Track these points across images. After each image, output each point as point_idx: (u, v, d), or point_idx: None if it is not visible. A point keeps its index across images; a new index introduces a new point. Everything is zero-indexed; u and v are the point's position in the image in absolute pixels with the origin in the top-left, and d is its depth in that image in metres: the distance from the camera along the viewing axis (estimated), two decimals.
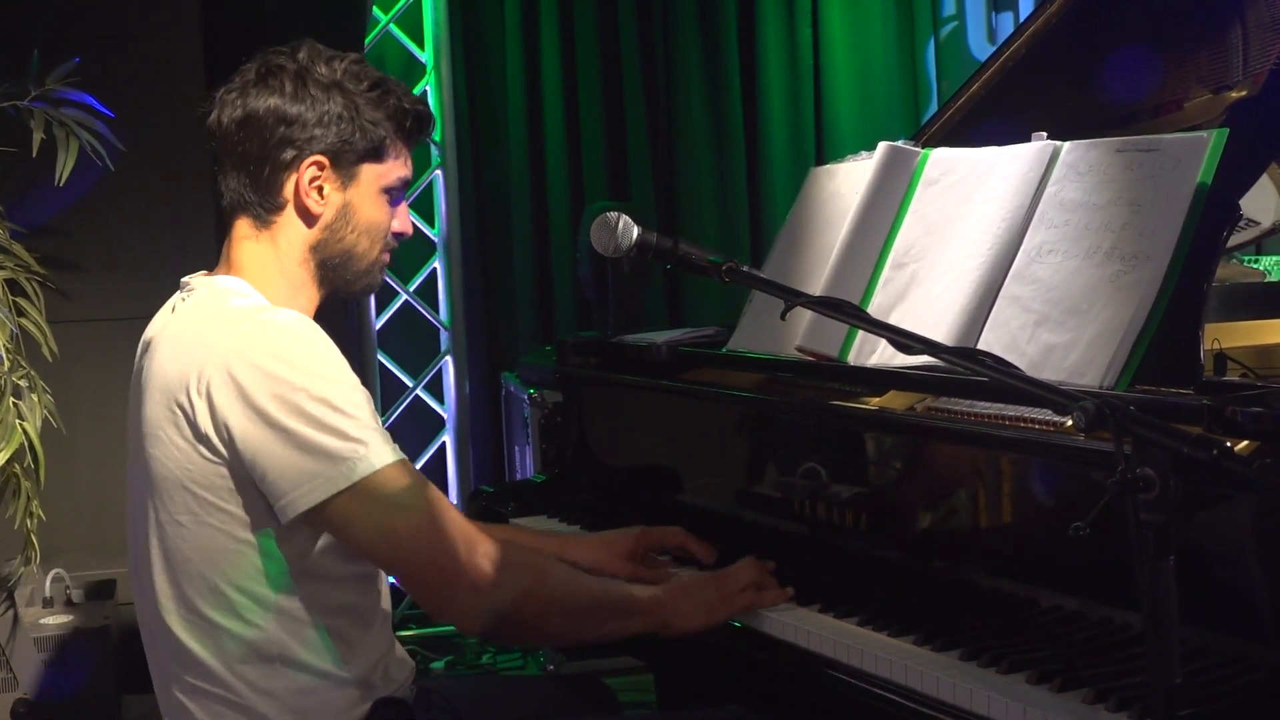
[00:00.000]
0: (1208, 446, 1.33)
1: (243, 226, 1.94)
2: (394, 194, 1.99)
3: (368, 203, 1.96)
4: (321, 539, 1.84)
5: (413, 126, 1.98)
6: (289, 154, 1.90)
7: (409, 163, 2.01)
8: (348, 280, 1.99)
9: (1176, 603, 1.31)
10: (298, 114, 1.89)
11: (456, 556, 1.83)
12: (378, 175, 1.96)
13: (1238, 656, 1.61)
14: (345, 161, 1.92)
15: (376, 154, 1.95)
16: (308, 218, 1.93)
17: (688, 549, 2.29)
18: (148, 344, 1.93)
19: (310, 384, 1.77)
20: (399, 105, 1.95)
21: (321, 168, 1.91)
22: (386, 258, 2.02)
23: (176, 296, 1.97)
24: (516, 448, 4.29)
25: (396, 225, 2.01)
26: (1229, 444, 1.39)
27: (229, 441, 1.78)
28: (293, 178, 1.91)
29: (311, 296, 1.97)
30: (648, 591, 2.06)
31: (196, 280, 1.95)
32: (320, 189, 1.92)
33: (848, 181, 2.43)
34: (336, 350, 1.84)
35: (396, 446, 1.84)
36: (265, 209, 1.92)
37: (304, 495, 1.77)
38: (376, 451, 1.79)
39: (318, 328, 1.86)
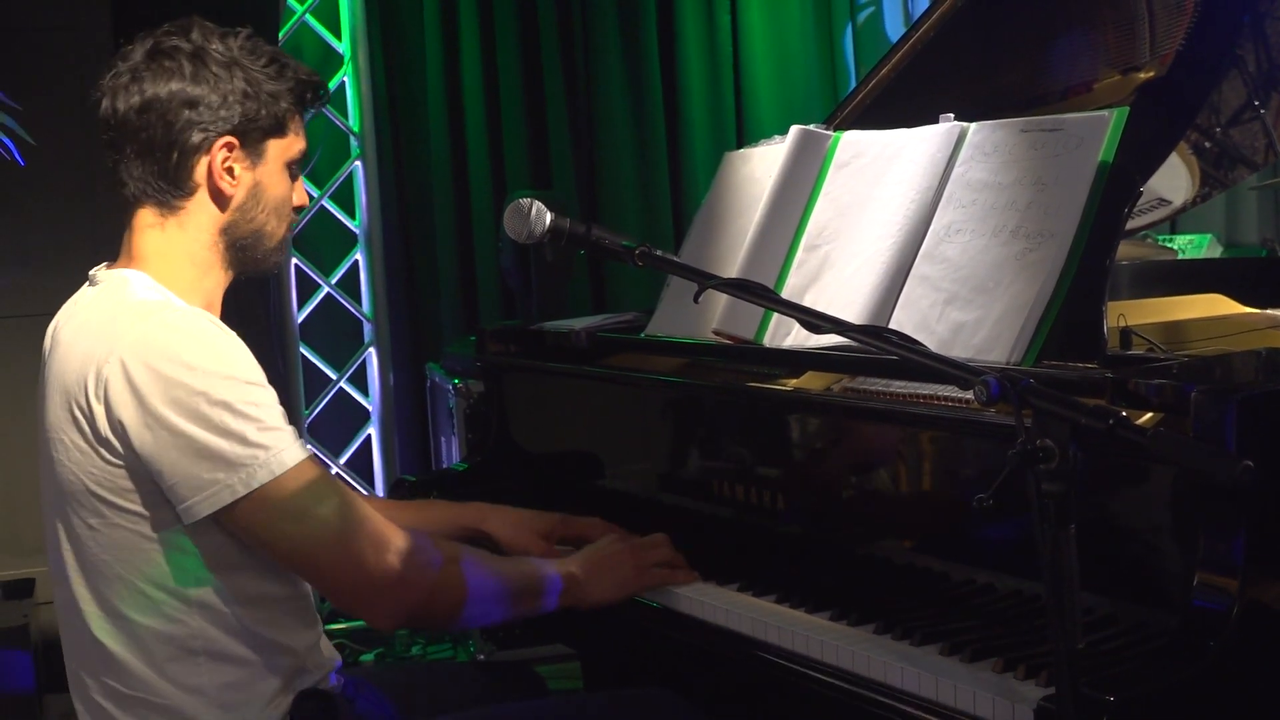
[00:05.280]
0: (1104, 416, 1.36)
1: (147, 216, 1.90)
2: (294, 168, 1.98)
3: (275, 179, 1.94)
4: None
5: (311, 98, 1.96)
6: (197, 137, 1.86)
7: (304, 135, 1.99)
8: (257, 260, 1.96)
9: (1077, 571, 1.34)
10: (201, 95, 1.86)
11: (364, 559, 1.83)
12: (282, 150, 1.94)
13: (1141, 624, 1.65)
14: (252, 139, 1.90)
15: (280, 129, 1.92)
16: (220, 200, 1.90)
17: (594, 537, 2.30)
18: (51, 341, 1.90)
19: (210, 387, 1.74)
20: (298, 78, 1.93)
21: (232, 148, 1.88)
22: (290, 234, 2.01)
23: (83, 290, 1.94)
24: (442, 438, 4.28)
25: (296, 199, 2.00)
26: (1127, 415, 1.42)
27: (127, 444, 1.76)
28: (204, 161, 1.88)
29: (219, 279, 1.94)
30: (562, 567, 2.07)
31: (102, 274, 1.92)
32: (231, 170, 1.89)
33: (762, 165, 2.44)
34: (241, 348, 1.81)
35: (302, 445, 1.81)
36: (175, 196, 1.88)
37: (204, 501, 1.75)
38: (278, 456, 1.76)
39: (221, 325, 1.83)
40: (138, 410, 1.74)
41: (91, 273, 1.94)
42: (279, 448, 1.77)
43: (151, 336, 1.76)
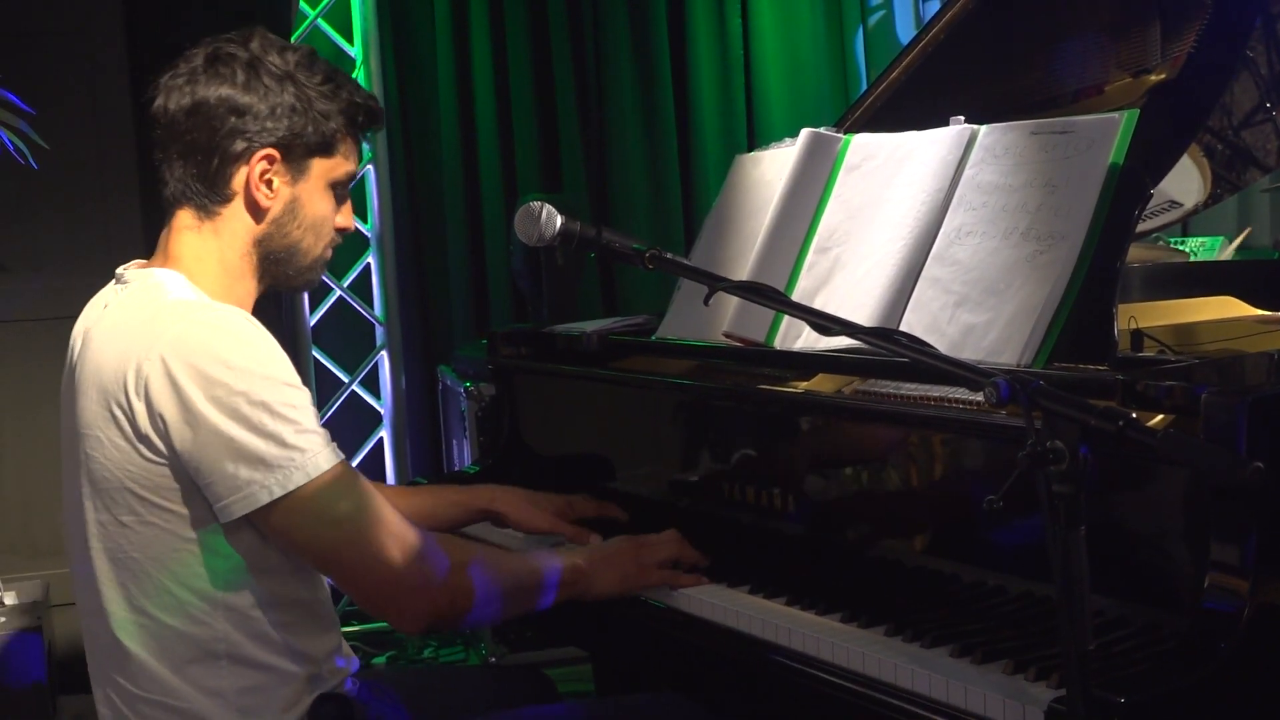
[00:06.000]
0: (1114, 418, 1.36)
1: (185, 217, 1.91)
2: (340, 190, 1.98)
3: (315, 198, 1.94)
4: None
5: (364, 121, 1.96)
6: (239, 145, 1.87)
7: (357, 159, 1.99)
8: (289, 275, 1.97)
9: (1087, 572, 1.34)
10: (249, 104, 1.86)
11: (393, 563, 1.84)
12: (326, 170, 1.94)
13: (1151, 626, 1.65)
14: (296, 155, 1.90)
15: (326, 148, 1.92)
16: (255, 211, 1.91)
17: (603, 515, 2.36)
18: (80, 339, 1.91)
19: (250, 387, 1.76)
20: (351, 99, 1.93)
21: (272, 161, 1.89)
22: (329, 254, 2.00)
23: (110, 288, 1.94)
24: (454, 441, 4.29)
25: (340, 221, 1.99)
26: (1137, 416, 1.42)
27: (168, 441, 1.77)
28: (243, 170, 1.88)
29: (250, 289, 1.95)
30: (567, 559, 2.08)
31: (131, 272, 1.92)
32: (270, 182, 1.90)
33: (772, 168, 2.45)
34: (278, 349, 1.82)
35: (335, 448, 1.83)
36: (212, 200, 1.89)
37: (239, 502, 1.77)
38: (313, 459, 1.78)
39: (259, 325, 1.84)
40: (179, 407, 1.75)
41: (119, 270, 1.94)
42: (314, 450, 1.78)
43: (192, 334, 1.78)
